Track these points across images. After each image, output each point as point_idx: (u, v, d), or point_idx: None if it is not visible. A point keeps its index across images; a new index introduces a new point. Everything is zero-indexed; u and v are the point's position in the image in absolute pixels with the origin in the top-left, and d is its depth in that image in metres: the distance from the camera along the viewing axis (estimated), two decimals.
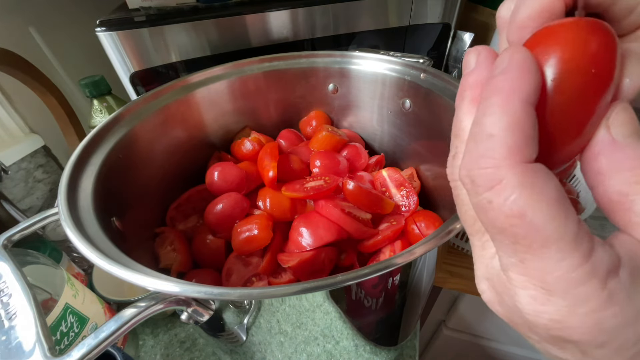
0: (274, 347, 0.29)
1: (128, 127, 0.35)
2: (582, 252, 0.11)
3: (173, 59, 0.47)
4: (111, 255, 0.22)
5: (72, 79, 0.69)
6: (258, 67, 0.45)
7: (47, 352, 0.18)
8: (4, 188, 0.60)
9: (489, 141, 0.12)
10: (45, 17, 0.63)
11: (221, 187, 0.39)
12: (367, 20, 0.52)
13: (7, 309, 0.21)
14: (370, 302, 0.28)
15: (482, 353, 0.77)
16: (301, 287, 0.19)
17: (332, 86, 0.47)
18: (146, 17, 0.45)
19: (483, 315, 0.67)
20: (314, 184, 0.36)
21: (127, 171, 0.34)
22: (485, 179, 0.12)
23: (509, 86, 0.12)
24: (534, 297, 0.12)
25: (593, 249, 0.11)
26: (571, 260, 0.11)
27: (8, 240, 0.25)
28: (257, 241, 0.34)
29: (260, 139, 0.44)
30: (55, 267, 0.35)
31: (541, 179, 0.12)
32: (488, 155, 0.12)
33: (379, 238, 0.34)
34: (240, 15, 0.46)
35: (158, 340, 0.44)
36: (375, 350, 0.35)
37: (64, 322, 0.33)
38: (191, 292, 0.19)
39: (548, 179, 0.12)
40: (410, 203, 0.37)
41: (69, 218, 0.24)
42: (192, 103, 0.42)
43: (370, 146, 0.50)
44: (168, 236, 0.37)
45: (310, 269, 0.32)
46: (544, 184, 0.12)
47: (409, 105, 0.42)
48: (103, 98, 0.51)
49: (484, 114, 0.13)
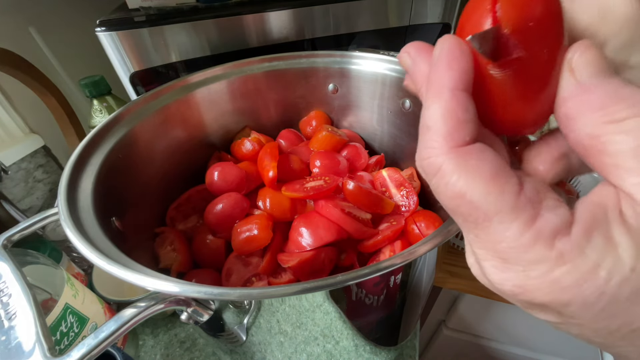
0: (274, 347, 0.29)
1: (128, 127, 0.35)
2: (524, 219, 0.12)
3: (173, 59, 0.47)
4: (111, 255, 0.22)
5: (72, 79, 0.69)
6: (258, 67, 0.45)
7: (47, 352, 0.18)
8: (4, 188, 0.60)
9: (428, 133, 0.13)
10: (45, 17, 0.63)
11: (221, 187, 0.39)
12: (367, 20, 0.52)
13: (7, 309, 0.21)
14: (370, 302, 0.28)
15: (482, 353, 0.77)
16: (301, 287, 0.19)
17: (332, 86, 0.47)
18: (146, 17, 0.45)
19: (483, 315, 0.67)
20: (314, 184, 0.36)
21: (127, 171, 0.34)
22: (430, 168, 0.13)
23: (438, 78, 0.13)
24: (495, 266, 0.13)
25: (538, 215, 0.12)
26: (513, 229, 0.12)
27: (8, 240, 0.25)
28: (257, 241, 0.34)
29: (260, 139, 0.44)
30: (55, 267, 0.35)
31: (474, 159, 0.12)
32: (428, 145, 0.13)
33: (379, 238, 0.34)
34: (240, 15, 0.46)
35: (158, 340, 0.44)
36: (375, 350, 0.35)
37: (63, 322, 0.33)
38: (191, 292, 0.19)
39: (482, 157, 0.13)
40: (410, 203, 0.37)
41: (69, 218, 0.24)
42: (192, 103, 0.42)
43: (370, 146, 0.50)
44: (168, 236, 0.37)
45: (310, 269, 0.32)
46: (478, 163, 0.12)
47: (409, 105, 0.42)
48: (103, 98, 0.51)
49: (424, 108, 0.14)
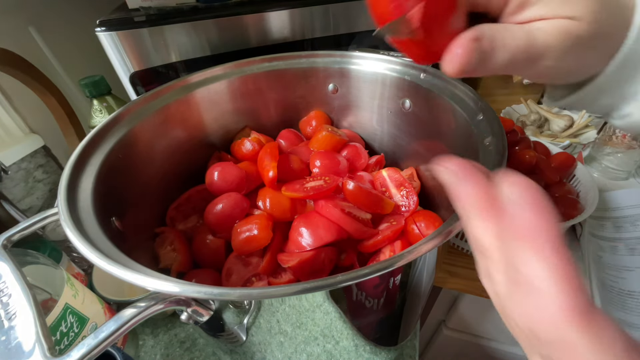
0: (274, 347, 0.29)
1: (128, 127, 0.35)
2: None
3: (173, 59, 0.47)
4: (111, 255, 0.22)
5: (72, 79, 0.69)
6: (258, 67, 0.45)
7: (46, 352, 0.18)
8: (4, 188, 0.60)
9: (538, 296, 0.12)
10: (45, 17, 0.63)
11: (221, 187, 0.39)
12: (367, 20, 0.52)
13: (7, 309, 0.21)
14: (370, 302, 0.28)
15: (482, 353, 0.77)
16: (301, 287, 0.19)
17: (332, 86, 0.47)
18: (146, 17, 0.45)
19: (483, 315, 0.67)
20: (314, 184, 0.36)
21: (127, 171, 0.34)
22: (547, 335, 0.12)
23: (531, 226, 0.13)
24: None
25: None
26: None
27: (8, 240, 0.25)
28: (257, 241, 0.34)
29: (260, 139, 0.44)
30: (55, 267, 0.35)
31: (607, 335, 0.12)
32: (542, 309, 0.12)
33: (379, 238, 0.34)
34: (240, 15, 0.46)
35: (158, 340, 0.44)
36: (375, 350, 0.35)
37: (63, 322, 0.33)
38: (191, 292, 0.19)
39: (614, 330, 0.12)
40: (410, 203, 0.37)
41: (69, 218, 0.24)
42: (192, 103, 0.42)
43: (370, 146, 0.50)
44: (168, 236, 0.37)
45: (310, 269, 0.32)
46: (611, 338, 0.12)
47: (409, 105, 0.42)
48: (103, 98, 0.51)
49: (523, 263, 0.13)
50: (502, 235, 0.14)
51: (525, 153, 0.49)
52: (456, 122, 0.34)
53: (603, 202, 0.58)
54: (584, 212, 0.44)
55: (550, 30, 0.18)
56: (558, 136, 0.66)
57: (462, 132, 0.34)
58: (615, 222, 0.55)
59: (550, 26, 0.18)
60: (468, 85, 0.35)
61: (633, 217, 0.54)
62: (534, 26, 0.18)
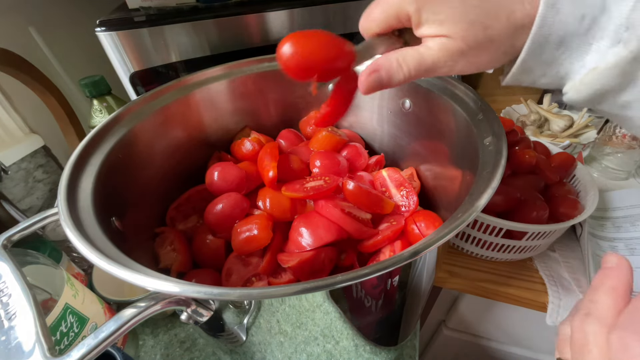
0: (274, 347, 0.29)
1: (128, 127, 0.35)
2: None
3: (173, 59, 0.47)
4: (111, 255, 0.22)
5: (72, 79, 0.69)
6: (258, 67, 0.45)
7: (46, 352, 0.18)
8: (4, 188, 0.60)
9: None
10: (45, 17, 0.63)
11: (221, 187, 0.39)
12: None
13: (7, 309, 0.21)
14: (370, 302, 0.28)
15: (482, 353, 0.77)
16: (301, 287, 0.19)
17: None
18: (146, 17, 0.45)
19: (483, 315, 0.67)
20: (314, 184, 0.36)
21: (127, 171, 0.34)
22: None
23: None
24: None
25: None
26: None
27: (8, 240, 0.25)
28: (257, 241, 0.34)
29: (260, 139, 0.44)
30: (55, 267, 0.35)
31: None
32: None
33: (379, 238, 0.34)
34: (240, 15, 0.46)
35: (158, 340, 0.44)
36: (375, 350, 0.35)
37: (63, 322, 0.33)
38: (191, 292, 0.19)
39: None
40: (410, 203, 0.37)
41: (69, 218, 0.24)
42: (192, 103, 0.42)
43: (370, 146, 0.50)
44: (168, 236, 0.37)
45: (310, 269, 0.32)
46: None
47: (409, 105, 0.42)
48: (103, 98, 0.51)
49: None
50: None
51: (525, 153, 0.49)
52: (456, 122, 0.34)
53: (603, 202, 0.58)
54: (584, 212, 0.44)
55: (435, 47, 0.23)
56: (558, 136, 0.66)
57: (462, 132, 0.34)
58: (615, 222, 0.55)
59: (435, 44, 0.23)
60: (468, 85, 0.35)
61: (633, 217, 0.54)
62: (425, 45, 0.23)
